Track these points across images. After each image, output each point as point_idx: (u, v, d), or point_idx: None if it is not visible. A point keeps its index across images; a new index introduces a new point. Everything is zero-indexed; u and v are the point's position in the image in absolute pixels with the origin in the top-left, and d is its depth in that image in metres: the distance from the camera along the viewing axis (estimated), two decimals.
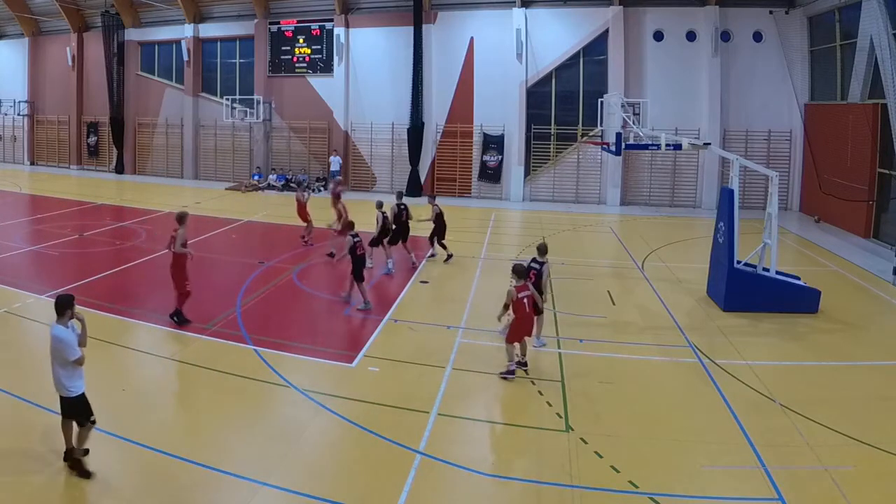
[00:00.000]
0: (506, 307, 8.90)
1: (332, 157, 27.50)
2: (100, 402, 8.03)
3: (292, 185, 27.94)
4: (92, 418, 6.29)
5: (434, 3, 26.20)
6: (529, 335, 9.15)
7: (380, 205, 14.46)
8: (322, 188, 27.63)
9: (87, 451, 6.38)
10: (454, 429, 7.51)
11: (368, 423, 7.40)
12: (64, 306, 6.23)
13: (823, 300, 11.88)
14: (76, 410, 6.23)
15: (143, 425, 7.13)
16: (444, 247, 15.45)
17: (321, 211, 18.06)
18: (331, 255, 14.91)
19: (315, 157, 28.85)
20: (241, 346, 9.70)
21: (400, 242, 14.86)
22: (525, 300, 8.79)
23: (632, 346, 10.06)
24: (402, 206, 14.86)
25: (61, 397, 6.21)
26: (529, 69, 25.17)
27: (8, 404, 7.58)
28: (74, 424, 6.29)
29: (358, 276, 11.60)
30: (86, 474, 6.15)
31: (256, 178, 28.71)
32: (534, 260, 9.99)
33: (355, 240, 11.51)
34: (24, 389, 7.89)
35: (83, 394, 6.25)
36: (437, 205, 15.37)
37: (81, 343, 6.33)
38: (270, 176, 28.67)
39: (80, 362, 6.18)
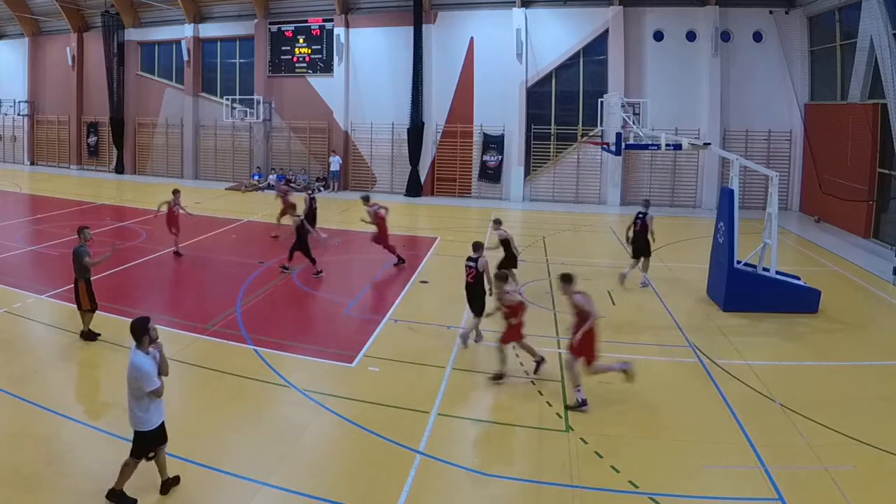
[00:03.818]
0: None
1: (331, 157, 27.52)
2: (101, 402, 8.11)
3: (292, 185, 27.94)
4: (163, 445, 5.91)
5: (434, 3, 26.20)
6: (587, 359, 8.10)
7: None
8: (322, 188, 27.65)
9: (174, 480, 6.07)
10: (454, 429, 7.50)
11: (368, 423, 7.40)
12: (141, 331, 5.60)
13: (823, 300, 11.88)
14: (147, 446, 5.75)
15: None
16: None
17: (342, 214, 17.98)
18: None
19: (315, 157, 28.85)
20: (241, 346, 9.70)
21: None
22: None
23: (632, 346, 10.05)
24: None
25: (134, 431, 5.71)
26: (529, 69, 25.17)
27: (8, 404, 7.59)
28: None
29: (478, 310, 9.80)
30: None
31: (256, 177, 28.72)
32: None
33: (469, 263, 9.98)
34: (23, 390, 7.90)
35: (159, 425, 5.79)
36: (314, 198, 16.65)
37: (162, 372, 5.80)
38: (270, 176, 28.67)
39: (157, 394, 5.63)
